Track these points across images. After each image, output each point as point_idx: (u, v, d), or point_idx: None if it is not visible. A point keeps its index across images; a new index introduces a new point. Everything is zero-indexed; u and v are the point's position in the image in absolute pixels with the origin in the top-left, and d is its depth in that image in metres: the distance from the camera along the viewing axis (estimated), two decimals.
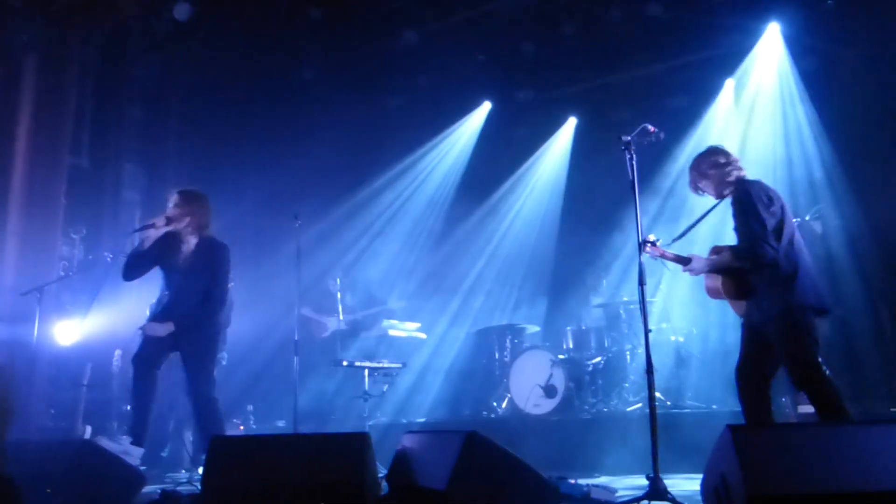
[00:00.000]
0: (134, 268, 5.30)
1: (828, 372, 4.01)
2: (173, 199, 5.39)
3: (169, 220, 5.27)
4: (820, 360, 4.03)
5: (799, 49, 8.22)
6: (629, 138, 4.25)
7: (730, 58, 8.63)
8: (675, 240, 4.64)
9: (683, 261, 4.31)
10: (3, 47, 7.46)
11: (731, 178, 4.42)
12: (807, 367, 4.03)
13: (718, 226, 5.11)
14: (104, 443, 4.96)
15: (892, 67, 7.41)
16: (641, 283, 4.10)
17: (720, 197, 4.49)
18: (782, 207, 4.27)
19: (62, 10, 7.74)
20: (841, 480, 2.71)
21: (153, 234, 5.25)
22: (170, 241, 5.32)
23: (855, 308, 7.08)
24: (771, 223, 4.16)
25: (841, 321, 6.95)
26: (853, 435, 2.83)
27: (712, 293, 4.41)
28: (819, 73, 8.04)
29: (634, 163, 4.23)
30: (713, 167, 4.45)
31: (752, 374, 4.28)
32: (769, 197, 4.25)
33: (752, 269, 4.18)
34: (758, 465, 2.69)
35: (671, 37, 8.44)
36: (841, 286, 7.13)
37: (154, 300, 6.68)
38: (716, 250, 4.35)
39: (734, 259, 4.19)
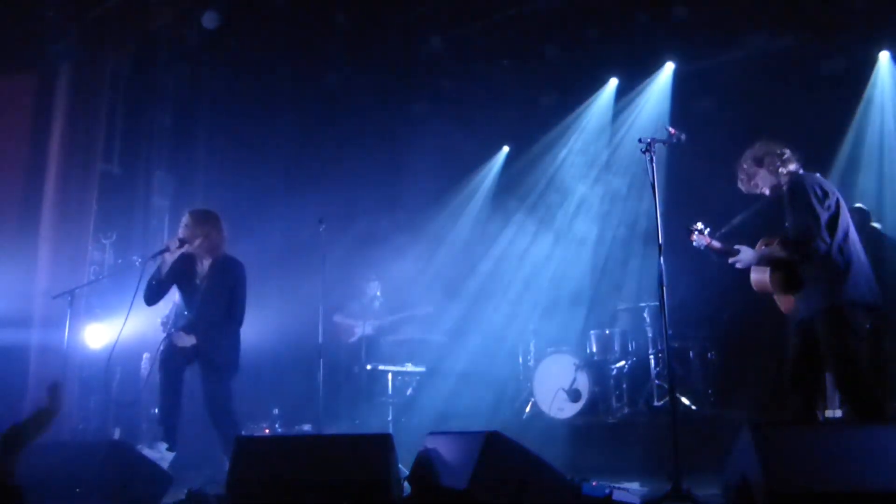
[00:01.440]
0: (154, 293, 5.45)
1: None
2: (184, 220, 5.49)
3: (182, 243, 5.35)
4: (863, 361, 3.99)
5: None
6: (649, 139, 4.25)
7: None
8: (721, 233, 4.57)
9: (731, 252, 4.24)
10: (37, 57, 7.65)
11: (785, 171, 4.36)
12: (850, 365, 3.96)
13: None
14: (145, 451, 5.06)
15: None
16: (661, 284, 4.09)
17: (775, 191, 4.41)
18: (837, 201, 4.20)
19: (95, 20, 7.91)
20: (862, 479, 2.69)
21: (169, 259, 5.33)
22: (185, 263, 5.44)
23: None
24: (825, 217, 4.09)
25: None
26: (874, 435, 2.80)
27: (759, 286, 4.32)
28: None
29: (654, 164, 4.22)
30: (770, 159, 4.38)
31: (804, 373, 4.20)
32: (824, 190, 4.19)
33: (803, 261, 4.10)
34: (779, 464, 2.69)
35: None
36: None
37: (165, 315, 6.80)
38: (765, 242, 4.29)
39: (784, 251, 4.12)
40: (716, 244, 4.27)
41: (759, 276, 4.29)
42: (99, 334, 7.37)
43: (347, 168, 10.03)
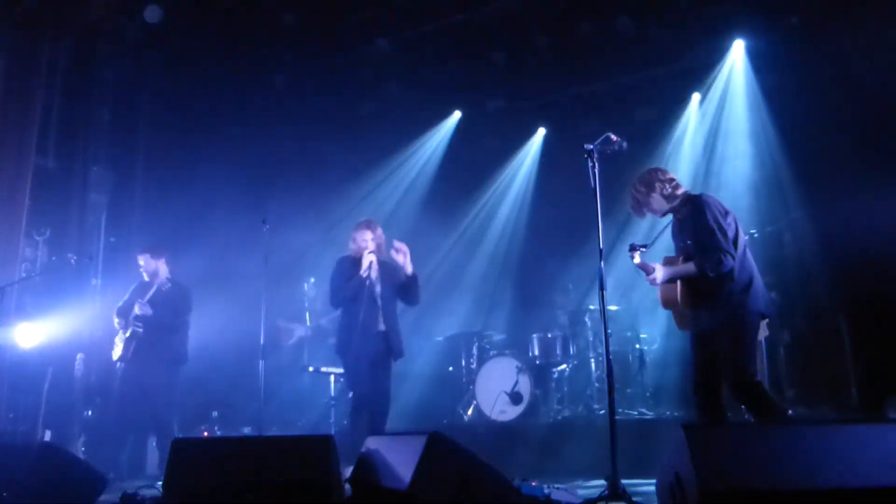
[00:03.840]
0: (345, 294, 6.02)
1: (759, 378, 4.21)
2: (368, 234, 6.04)
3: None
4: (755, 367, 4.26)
5: (763, 64, 8.41)
6: (591, 147, 4.33)
7: (697, 71, 8.80)
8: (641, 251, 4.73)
9: (648, 269, 4.43)
10: None
11: (678, 193, 4.60)
12: (743, 371, 4.22)
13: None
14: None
15: (852, 84, 7.61)
16: (601, 288, 4.18)
17: (665, 213, 4.66)
18: (734, 219, 4.47)
19: (30, 8, 7.67)
20: (792, 478, 2.79)
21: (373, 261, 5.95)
22: (356, 265, 5.94)
23: (815, 316, 7.25)
24: (730, 234, 4.35)
25: (801, 329, 7.12)
26: (803, 434, 2.91)
27: (668, 303, 4.52)
28: (782, 88, 8.22)
29: (597, 171, 4.31)
30: (660, 184, 4.60)
31: (707, 382, 4.43)
32: (724, 210, 4.46)
33: (712, 277, 4.30)
34: (710, 463, 2.76)
35: (640, 49, 8.58)
36: (803, 295, 7.29)
37: (120, 305, 6.66)
38: (668, 261, 4.49)
39: (697, 268, 4.32)
40: (638, 262, 4.44)
41: (669, 293, 4.49)
42: (30, 333, 7.14)
43: (292, 168, 9.94)
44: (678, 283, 4.42)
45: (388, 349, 5.88)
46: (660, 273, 4.41)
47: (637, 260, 4.40)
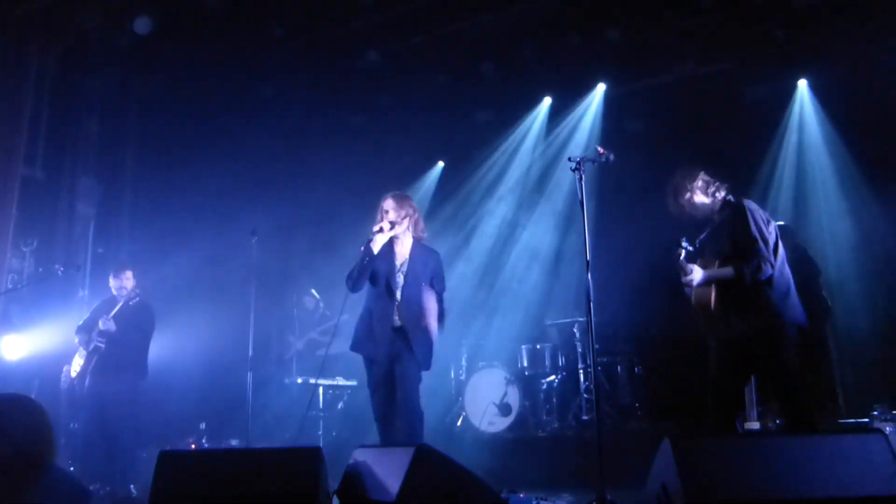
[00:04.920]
0: (364, 277, 5.00)
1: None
2: (388, 203, 5.11)
3: (392, 224, 5.04)
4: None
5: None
6: (578, 158, 4.35)
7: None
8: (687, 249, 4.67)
9: (686, 269, 4.36)
10: None
11: (720, 197, 4.52)
12: (794, 380, 4.16)
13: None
14: None
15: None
16: (589, 300, 4.19)
17: (705, 215, 4.56)
18: (776, 229, 4.43)
19: (19, 18, 7.66)
20: (778, 489, 2.81)
21: (381, 240, 4.98)
22: (386, 246, 5.06)
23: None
24: (771, 242, 4.31)
25: None
26: (790, 445, 2.93)
27: (700, 305, 4.43)
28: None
29: (584, 183, 4.33)
30: (705, 183, 4.53)
31: (729, 389, 4.36)
32: (767, 218, 4.41)
33: (749, 284, 4.26)
34: (697, 474, 2.78)
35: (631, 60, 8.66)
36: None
37: (80, 323, 6.63)
38: (703, 264, 4.42)
39: (736, 274, 4.26)
40: (682, 262, 4.38)
41: (704, 295, 4.41)
42: (16, 345, 7.10)
43: (282, 179, 9.93)
44: (713, 286, 4.36)
45: (406, 351, 4.96)
46: (698, 275, 4.33)
47: (682, 256, 4.32)
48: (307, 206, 9.91)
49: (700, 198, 4.51)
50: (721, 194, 4.53)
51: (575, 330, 7.86)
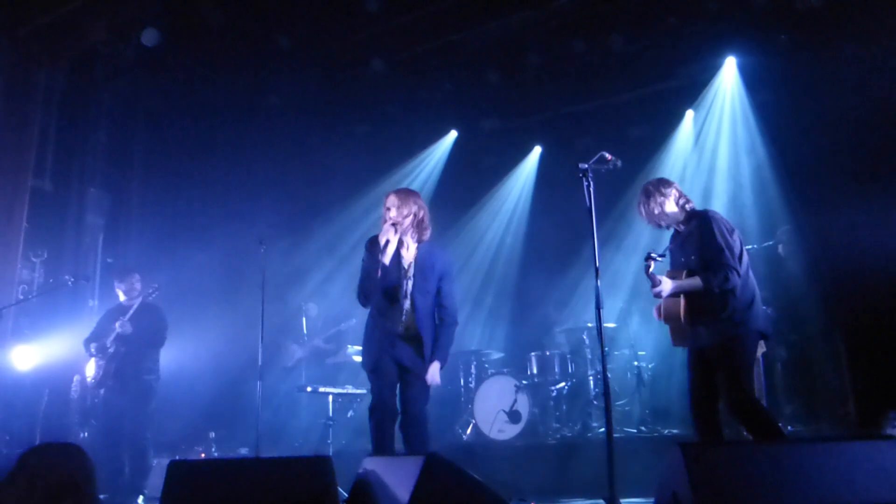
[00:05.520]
0: (374, 287, 4.70)
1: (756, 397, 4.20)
2: (390, 201, 4.72)
3: (395, 226, 4.69)
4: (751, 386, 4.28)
5: (755, 81, 8.48)
6: (586, 165, 4.35)
7: (690, 89, 8.87)
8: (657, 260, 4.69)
9: (655, 281, 4.41)
10: None
11: (688, 207, 4.61)
12: (742, 390, 4.21)
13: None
14: None
15: (842, 99, 7.68)
16: (598, 307, 4.17)
17: (671, 224, 4.64)
18: (739, 237, 4.48)
19: (28, 34, 7.72)
20: (790, 497, 2.78)
21: (391, 247, 4.63)
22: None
23: (812, 332, 7.25)
24: (736, 251, 4.36)
25: (798, 345, 7.12)
26: (800, 452, 2.91)
27: (669, 317, 4.50)
28: (773, 104, 8.29)
29: (592, 190, 4.32)
30: (676, 193, 4.60)
31: (706, 398, 4.42)
32: (731, 227, 4.47)
33: (717, 293, 4.31)
34: (708, 482, 2.76)
35: (634, 68, 8.65)
36: (799, 310, 7.30)
37: (88, 336, 6.66)
38: (671, 275, 4.47)
39: (704, 284, 4.30)
40: (649, 273, 4.43)
41: (673, 306, 4.47)
42: (27, 355, 7.13)
43: (288, 188, 9.96)
44: (682, 297, 4.40)
45: (415, 359, 4.65)
46: (667, 286, 4.39)
47: (651, 269, 4.37)
48: (313, 214, 9.94)
49: (671, 206, 4.57)
50: (690, 205, 4.63)
51: (584, 337, 7.84)
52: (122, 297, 6.75)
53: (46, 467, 3.20)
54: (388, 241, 4.58)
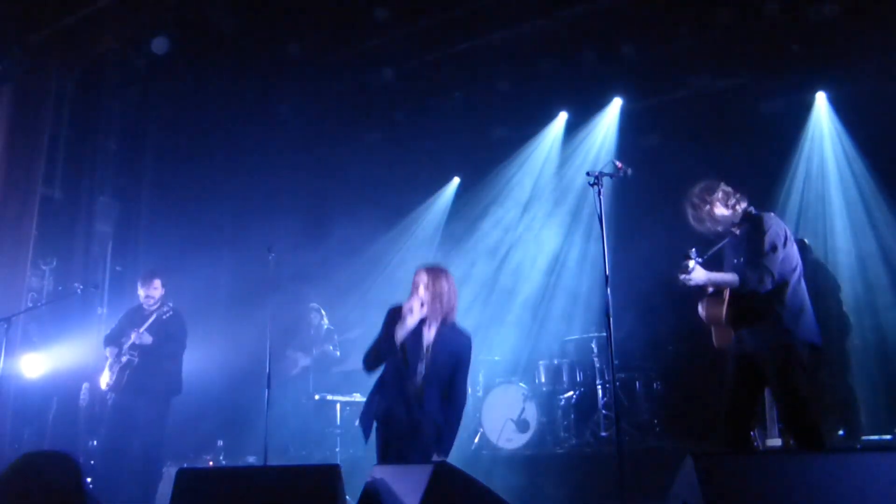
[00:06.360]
0: (378, 360, 4.54)
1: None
2: (421, 277, 4.49)
3: (422, 304, 4.45)
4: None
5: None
6: (597, 173, 4.33)
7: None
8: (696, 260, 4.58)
9: (684, 269, 4.20)
10: None
11: (740, 209, 4.45)
12: (801, 401, 4.08)
13: None
14: None
15: None
16: (608, 315, 4.15)
17: (725, 227, 4.47)
18: (794, 244, 4.36)
19: (40, 42, 7.77)
20: None
21: (410, 324, 4.38)
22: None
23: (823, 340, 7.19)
24: (788, 259, 4.25)
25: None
26: (814, 463, 2.87)
27: (711, 318, 4.35)
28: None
29: (602, 197, 4.30)
30: (725, 195, 4.46)
31: (742, 404, 4.30)
32: (787, 234, 4.34)
33: (762, 299, 4.19)
34: (720, 493, 2.72)
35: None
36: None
37: (108, 333, 6.64)
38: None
39: (739, 280, 4.18)
40: (685, 263, 4.23)
41: (715, 309, 4.33)
42: (35, 363, 7.14)
43: (297, 197, 9.98)
44: (725, 300, 4.28)
45: (416, 444, 4.47)
46: (699, 274, 4.19)
47: (695, 266, 4.17)
48: (323, 223, 9.95)
49: (720, 209, 4.42)
50: (742, 206, 4.46)
51: (593, 346, 7.81)
52: (141, 300, 6.64)
53: (33, 477, 3.19)
54: (410, 310, 4.36)
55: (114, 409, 6.44)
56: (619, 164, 4.36)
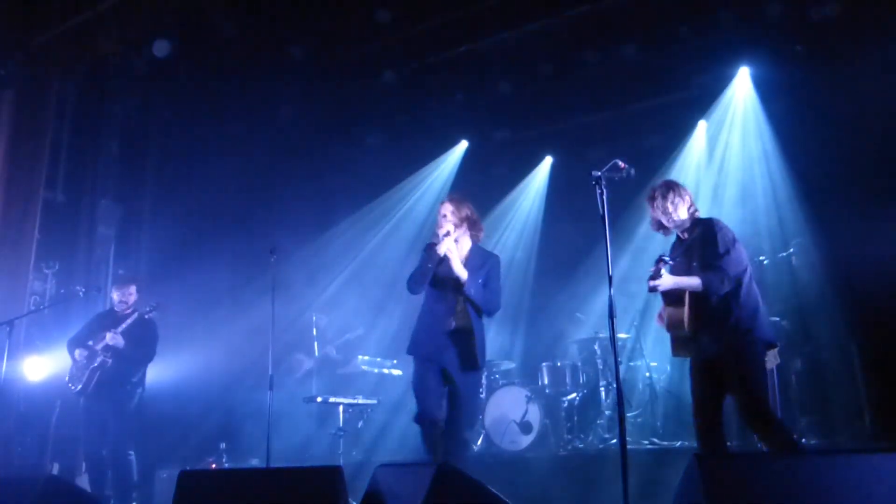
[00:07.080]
0: (424, 280, 5.06)
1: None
2: (446, 208, 5.14)
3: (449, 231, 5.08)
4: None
5: (769, 91, 8.43)
6: (599, 174, 4.31)
7: (703, 99, 8.84)
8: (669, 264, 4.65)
9: (655, 274, 4.32)
10: None
11: (694, 211, 4.57)
12: (759, 401, 4.16)
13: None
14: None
15: (858, 109, 7.62)
16: (611, 316, 4.13)
17: (678, 228, 4.59)
18: (742, 246, 4.44)
19: (41, 46, 7.79)
20: None
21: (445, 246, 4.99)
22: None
23: (826, 344, 7.17)
24: (738, 261, 4.32)
25: (812, 356, 7.04)
26: (817, 464, 2.86)
27: (673, 325, 4.44)
28: (788, 115, 8.23)
29: (605, 198, 4.28)
30: (689, 196, 4.57)
31: (710, 410, 4.35)
32: (734, 238, 4.43)
33: (719, 303, 4.27)
34: (723, 494, 2.71)
35: (646, 78, 8.63)
36: (814, 321, 7.23)
37: (73, 336, 6.59)
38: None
39: (703, 284, 4.25)
40: (654, 270, 4.36)
41: (676, 313, 4.41)
42: (39, 366, 7.14)
43: (299, 199, 9.98)
44: (686, 306, 4.35)
45: (465, 354, 4.92)
46: (667, 280, 4.31)
47: (663, 272, 4.30)
48: (324, 224, 9.95)
49: (683, 211, 4.54)
50: (697, 215, 4.60)
51: (596, 347, 7.79)
52: (116, 303, 6.60)
53: None
54: (447, 233, 4.97)
55: (88, 410, 6.34)
56: (622, 164, 4.35)
